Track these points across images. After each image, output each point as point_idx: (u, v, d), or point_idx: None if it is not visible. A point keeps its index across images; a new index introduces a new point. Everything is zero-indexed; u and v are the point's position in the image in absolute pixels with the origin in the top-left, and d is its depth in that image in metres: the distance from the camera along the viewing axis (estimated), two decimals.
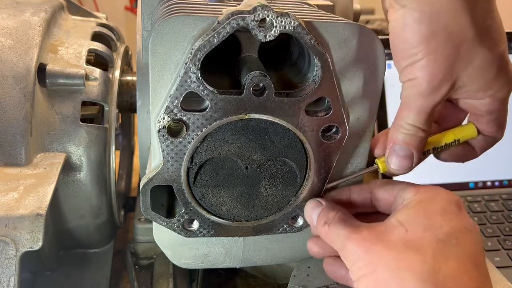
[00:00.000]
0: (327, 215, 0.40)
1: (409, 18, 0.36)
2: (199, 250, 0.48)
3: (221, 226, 0.44)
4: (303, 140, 0.41)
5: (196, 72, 0.36)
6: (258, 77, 0.37)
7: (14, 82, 0.50)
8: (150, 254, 0.61)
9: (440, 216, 0.35)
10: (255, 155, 0.41)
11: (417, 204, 0.37)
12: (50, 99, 0.53)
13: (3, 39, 0.52)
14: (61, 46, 0.57)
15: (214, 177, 0.42)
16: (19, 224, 0.42)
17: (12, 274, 0.41)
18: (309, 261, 0.51)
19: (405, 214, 0.37)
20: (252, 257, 0.50)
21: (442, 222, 0.35)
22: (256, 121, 0.40)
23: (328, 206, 0.42)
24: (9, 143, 0.49)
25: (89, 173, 0.55)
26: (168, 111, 0.37)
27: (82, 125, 0.54)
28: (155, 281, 0.57)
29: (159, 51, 0.37)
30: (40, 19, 0.55)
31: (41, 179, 0.48)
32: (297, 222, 0.46)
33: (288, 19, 0.35)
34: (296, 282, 0.48)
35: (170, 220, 0.43)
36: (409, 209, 0.37)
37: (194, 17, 0.36)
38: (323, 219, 0.40)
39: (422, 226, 0.35)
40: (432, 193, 0.38)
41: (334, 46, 0.39)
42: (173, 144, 0.39)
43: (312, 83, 0.39)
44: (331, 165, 0.43)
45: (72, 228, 0.58)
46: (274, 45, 0.45)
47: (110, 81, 0.58)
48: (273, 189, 0.43)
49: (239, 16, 0.35)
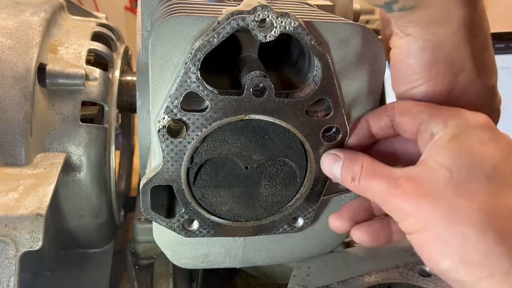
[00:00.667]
0: (352, 170, 0.37)
1: (413, 45, 0.37)
2: (199, 250, 0.48)
3: (221, 226, 0.44)
4: (303, 141, 0.41)
5: (196, 72, 0.36)
6: (258, 77, 0.37)
7: (14, 82, 0.50)
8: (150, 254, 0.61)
9: (480, 148, 0.33)
10: (255, 155, 0.41)
11: (451, 140, 0.34)
12: (50, 99, 0.53)
13: (3, 39, 0.52)
14: (61, 46, 0.57)
15: (214, 177, 0.42)
16: (19, 224, 0.42)
17: (12, 274, 0.41)
18: (309, 261, 0.51)
19: (443, 153, 0.34)
20: (252, 257, 0.50)
21: (484, 156, 0.32)
22: (256, 121, 0.40)
23: (348, 158, 0.38)
24: (9, 143, 0.49)
25: (89, 173, 0.55)
26: (168, 111, 0.37)
27: (82, 125, 0.54)
28: (155, 281, 0.57)
29: (159, 51, 0.37)
30: (40, 19, 0.55)
31: (41, 179, 0.48)
32: (297, 223, 0.46)
33: (288, 19, 0.35)
34: (296, 282, 0.48)
35: (170, 220, 0.43)
36: (444, 147, 0.34)
37: (194, 17, 0.36)
38: (349, 175, 0.37)
39: (466, 166, 0.32)
40: (462, 122, 0.35)
41: (334, 46, 0.39)
42: (173, 144, 0.39)
43: (312, 84, 0.39)
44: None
45: (72, 228, 0.58)
46: (274, 45, 0.45)
47: (110, 81, 0.58)
48: (273, 189, 0.43)
49: (239, 16, 0.35)
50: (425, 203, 0.32)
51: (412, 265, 0.50)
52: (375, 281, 0.48)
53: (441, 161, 0.33)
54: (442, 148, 0.34)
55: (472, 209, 0.31)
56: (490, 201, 0.31)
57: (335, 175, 0.40)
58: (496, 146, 0.33)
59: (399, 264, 0.50)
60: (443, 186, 0.32)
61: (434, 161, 0.33)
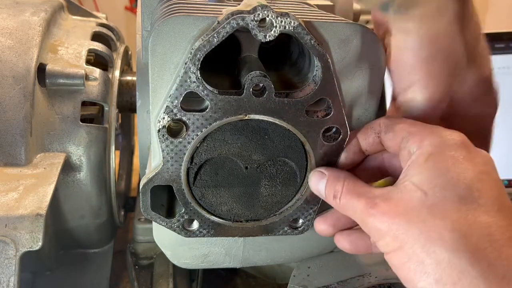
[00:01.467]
0: (334, 187, 0.38)
1: (409, 42, 0.38)
2: (199, 250, 0.48)
3: (221, 226, 0.44)
4: (303, 141, 0.41)
5: (196, 72, 0.36)
6: (258, 77, 0.37)
7: (14, 82, 0.50)
8: (150, 254, 0.61)
9: (453, 168, 0.33)
10: (255, 155, 0.41)
11: (427, 160, 0.34)
12: (50, 99, 0.53)
13: (3, 39, 0.52)
14: (61, 46, 0.57)
15: (214, 177, 0.42)
16: (19, 224, 0.42)
17: (12, 274, 0.41)
18: (309, 261, 0.51)
19: (418, 173, 0.34)
20: (252, 257, 0.50)
21: (458, 175, 0.33)
22: (256, 121, 0.40)
23: (332, 176, 0.40)
24: (9, 143, 0.49)
25: (89, 173, 0.55)
26: (168, 111, 0.37)
27: (82, 125, 0.54)
28: (155, 281, 0.57)
29: (159, 51, 0.37)
30: (40, 19, 0.55)
31: (41, 179, 0.48)
32: (298, 224, 0.46)
33: (288, 19, 0.35)
34: (296, 282, 0.48)
35: (170, 220, 0.43)
36: (420, 167, 0.35)
37: (194, 17, 0.36)
38: (331, 193, 0.39)
39: (440, 186, 0.33)
40: (438, 141, 0.35)
41: (334, 46, 0.39)
42: (173, 144, 0.39)
43: (312, 84, 0.39)
44: (332, 165, 0.43)
45: (72, 228, 0.58)
46: (274, 45, 0.45)
47: (110, 81, 0.58)
48: (273, 189, 0.43)
49: (238, 16, 0.35)
50: (400, 223, 0.33)
51: None
52: (375, 281, 0.48)
53: (417, 182, 0.34)
54: (418, 168, 0.35)
55: (445, 229, 0.31)
56: (462, 221, 0.31)
57: (320, 192, 0.41)
58: (469, 165, 0.34)
59: None
60: (418, 207, 0.33)
61: (410, 182, 0.34)
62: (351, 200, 0.37)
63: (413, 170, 0.35)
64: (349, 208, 0.37)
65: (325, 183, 0.40)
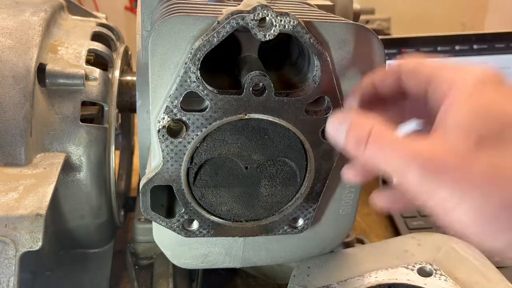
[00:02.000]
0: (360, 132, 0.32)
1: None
2: (199, 250, 0.48)
3: (221, 226, 0.44)
4: (303, 140, 0.41)
5: (196, 72, 0.36)
6: (258, 76, 0.37)
7: (14, 82, 0.50)
8: (150, 254, 0.61)
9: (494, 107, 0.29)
10: (255, 155, 0.41)
11: (463, 104, 0.30)
12: (50, 99, 0.53)
13: (3, 39, 0.52)
14: (61, 46, 0.57)
15: (214, 177, 0.42)
16: (19, 224, 0.42)
17: (12, 274, 0.41)
18: (309, 261, 0.51)
19: (456, 118, 0.30)
20: (252, 257, 0.50)
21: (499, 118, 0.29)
22: (256, 121, 0.40)
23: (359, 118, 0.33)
24: (9, 143, 0.49)
25: (89, 173, 0.55)
26: (168, 111, 0.37)
27: (82, 125, 0.54)
28: (155, 281, 0.57)
29: (159, 51, 0.37)
30: (40, 19, 0.55)
31: (41, 179, 0.48)
32: (297, 223, 0.46)
33: (287, 19, 0.35)
34: (296, 282, 0.48)
35: (170, 220, 0.43)
36: (457, 111, 0.30)
37: (194, 17, 0.36)
38: (354, 139, 0.32)
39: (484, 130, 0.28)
40: (470, 80, 0.31)
41: (334, 46, 0.39)
42: (173, 144, 0.39)
43: (312, 83, 0.39)
44: (331, 165, 0.43)
45: (72, 228, 0.58)
46: (274, 45, 0.45)
47: (110, 81, 0.58)
48: (273, 189, 0.43)
49: (238, 16, 0.35)
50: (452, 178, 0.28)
51: (412, 265, 0.50)
52: (375, 281, 0.48)
53: (455, 128, 0.29)
54: (456, 113, 0.30)
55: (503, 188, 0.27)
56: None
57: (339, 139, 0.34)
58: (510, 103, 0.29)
59: (399, 264, 0.50)
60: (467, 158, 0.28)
61: (450, 129, 0.30)
62: (383, 147, 0.31)
63: (449, 115, 0.30)
64: (379, 157, 0.31)
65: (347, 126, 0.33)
